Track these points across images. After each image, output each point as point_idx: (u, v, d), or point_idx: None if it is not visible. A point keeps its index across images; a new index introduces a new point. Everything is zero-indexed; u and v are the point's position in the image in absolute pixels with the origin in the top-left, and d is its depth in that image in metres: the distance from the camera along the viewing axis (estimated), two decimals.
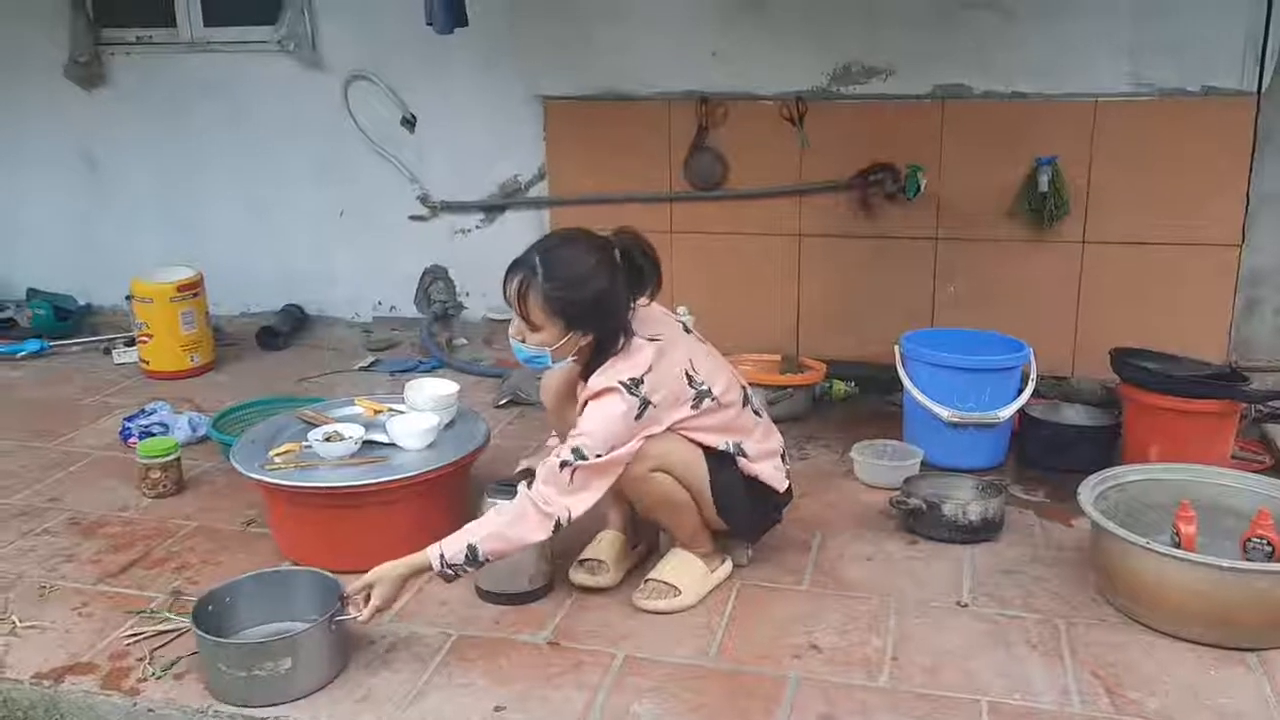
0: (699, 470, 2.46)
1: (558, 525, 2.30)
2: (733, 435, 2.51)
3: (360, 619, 2.26)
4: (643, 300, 2.46)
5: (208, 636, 2.19)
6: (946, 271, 3.98)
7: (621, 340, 2.39)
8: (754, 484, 2.55)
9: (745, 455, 2.53)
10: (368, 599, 2.27)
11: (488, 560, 2.30)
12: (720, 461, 2.49)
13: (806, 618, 2.48)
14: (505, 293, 2.38)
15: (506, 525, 2.29)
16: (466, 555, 2.27)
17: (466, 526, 2.32)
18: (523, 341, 2.41)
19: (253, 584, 2.40)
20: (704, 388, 2.45)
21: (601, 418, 2.33)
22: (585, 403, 2.39)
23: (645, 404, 2.34)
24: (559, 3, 4.18)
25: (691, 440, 2.45)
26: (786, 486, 2.63)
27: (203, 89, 4.67)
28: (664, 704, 2.17)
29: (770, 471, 2.57)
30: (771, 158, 4.06)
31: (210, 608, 2.27)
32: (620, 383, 2.33)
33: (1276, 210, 3.69)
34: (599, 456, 2.31)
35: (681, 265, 3.90)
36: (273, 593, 2.39)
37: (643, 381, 2.34)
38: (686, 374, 2.43)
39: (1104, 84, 3.72)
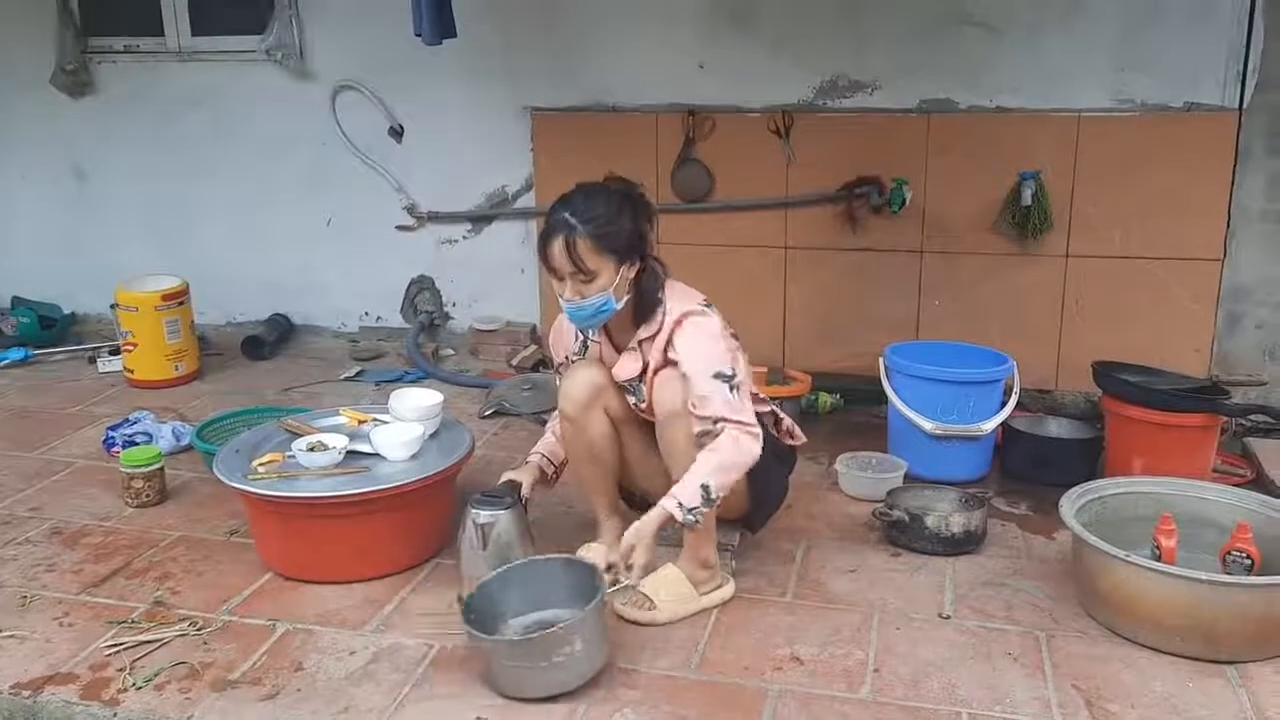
0: None
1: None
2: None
3: (631, 582, 2.37)
4: None
5: (501, 638, 2.24)
6: (931, 285, 4.00)
7: (659, 271, 2.49)
8: (776, 445, 2.60)
9: (778, 415, 2.63)
10: (627, 564, 2.34)
11: (719, 496, 2.34)
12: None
13: (789, 629, 2.48)
14: (550, 260, 2.41)
15: (728, 456, 2.35)
16: (702, 496, 2.32)
17: (685, 477, 2.35)
18: (580, 299, 2.43)
19: (497, 581, 2.38)
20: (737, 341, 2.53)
21: (703, 337, 2.41)
22: (653, 368, 2.47)
23: (723, 322, 2.46)
24: (547, 14, 4.20)
25: None
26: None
27: (190, 98, 4.67)
28: (645, 715, 2.17)
29: (790, 422, 2.68)
30: (758, 170, 4.08)
31: (472, 615, 2.27)
32: (697, 305, 2.45)
33: (1257, 225, 3.73)
34: (734, 372, 2.38)
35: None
36: (518, 584, 2.39)
37: (711, 304, 2.47)
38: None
39: (1087, 99, 3.75)
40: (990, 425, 3.27)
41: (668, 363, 2.46)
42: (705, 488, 2.33)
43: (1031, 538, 2.96)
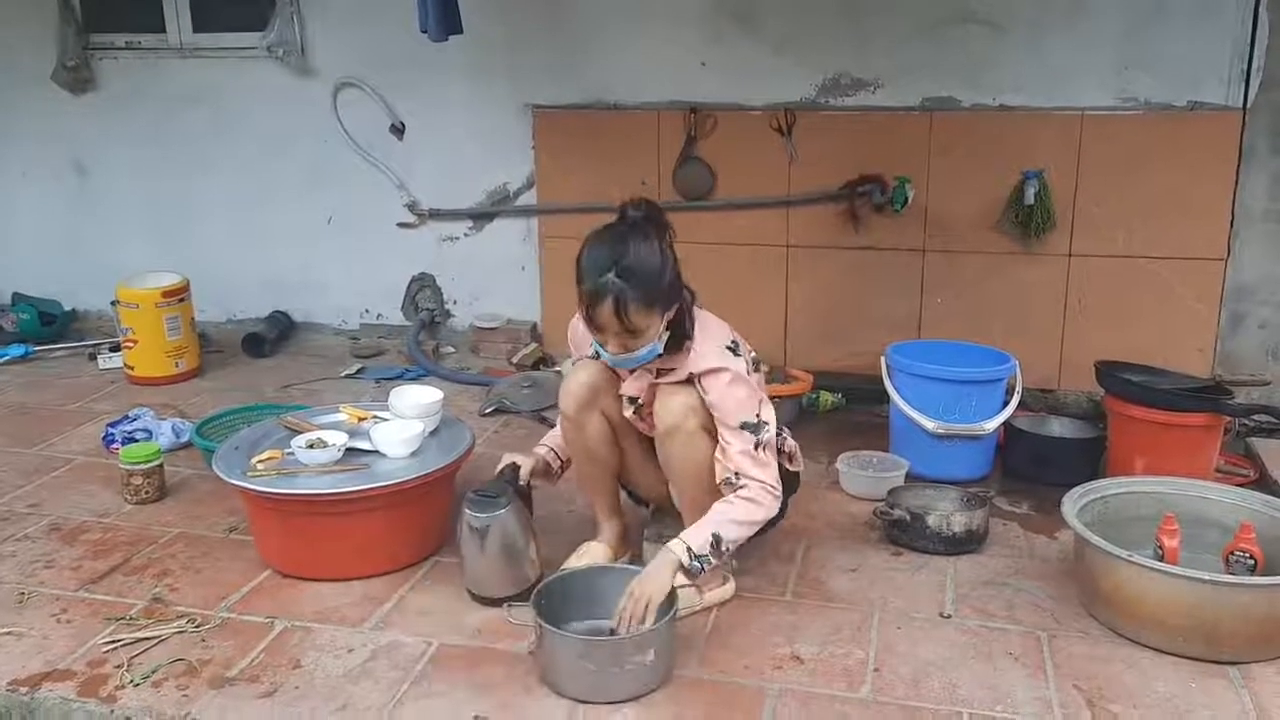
0: None
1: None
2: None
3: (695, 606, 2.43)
4: None
5: (579, 636, 2.24)
6: (934, 283, 3.99)
7: (688, 298, 2.45)
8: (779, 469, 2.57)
9: (781, 435, 2.59)
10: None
11: (729, 549, 2.36)
12: None
13: (789, 628, 2.47)
14: (598, 322, 2.32)
15: (743, 513, 2.36)
16: (711, 544, 2.32)
17: (700, 522, 2.36)
18: (625, 352, 2.38)
19: (565, 582, 2.39)
20: (750, 353, 2.52)
21: (733, 387, 2.39)
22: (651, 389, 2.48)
23: (746, 363, 2.44)
24: (550, 11, 4.19)
25: None
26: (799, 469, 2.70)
27: (191, 95, 4.66)
28: (644, 714, 2.16)
29: (793, 444, 2.65)
30: (760, 168, 4.07)
31: (544, 603, 2.27)
32: (726, 348, 2.43)
33: (1261, 225, 3.71)
34: (760, 419, 2.39)
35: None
36: (581, 590, 2.39)
37: (737, 341, 2.47)
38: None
39: (1091, 98, 3.74)
40: (992, 424, 3.26)
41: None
42: (716, 538, 2.33)
43: (1033, 537, 2.94)
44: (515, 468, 2.60)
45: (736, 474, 2.38)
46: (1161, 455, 3.04)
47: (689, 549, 2.31)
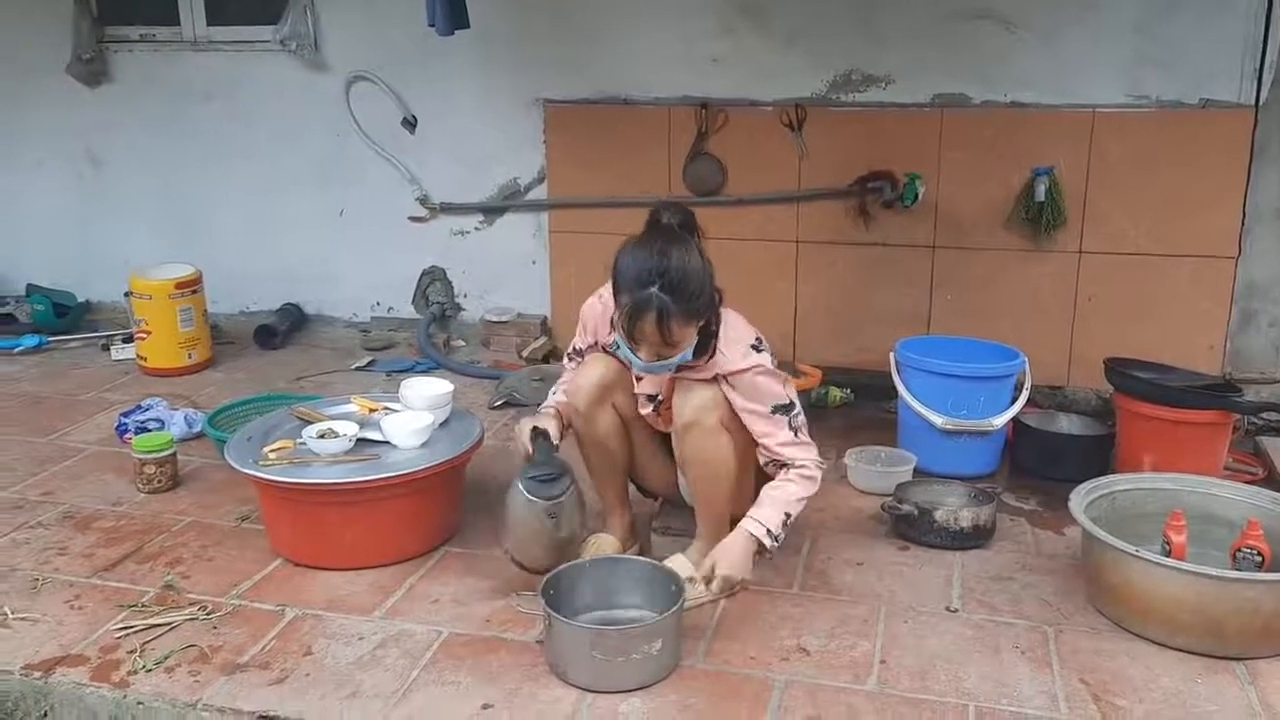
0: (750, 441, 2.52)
1: None
2: None
3: (711, 594, 2.42)
4: None
5: (587, 625, 2.27)
6: (943, 280, 3.99)
7: (719, 300, 2.47)
8: None
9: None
10: (707, 580, 2.38)
11: (792, 523, 2.48)
12: None
13: (796, 621, 2.48)
14: (639, 334, 2.32)
15: (803, 490, 2.47)
16: (783, 521, 2.44)
17: (765, 502, 2.44)
18: (659, 360, 2.38)
19: (573, 572, 2.41)
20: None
21: (761, 379, 2.43)
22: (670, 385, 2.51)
23: (771, 357, 2.49)
24: (560, 6, 4.20)
25: None
26: None
27: (205, 88, 4.69)
28: (651, 704, 2.17)
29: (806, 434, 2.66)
30: (770, 164, 4.07)
31: (553, 592, 2.30)
32: (751, 346, 2.46)
33: (1272, 223, 3.71)
34: (791, 401, 2.47)
35: None
36: (592, 578, 2.43)
37: (760, 338, 2.50)
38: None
39: (1102, 95, 3.74)
40: (1000, 420, 3.26)
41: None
42: (788, 515, 2.44)
43: (1041, 533, 2.95)
44: (545, 431, 2.58)
45: (783, 459, 2.47)
46: (1170, 452, 3.04)
47: (768, 530, 2.40)
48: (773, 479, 2.52)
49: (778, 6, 3.96)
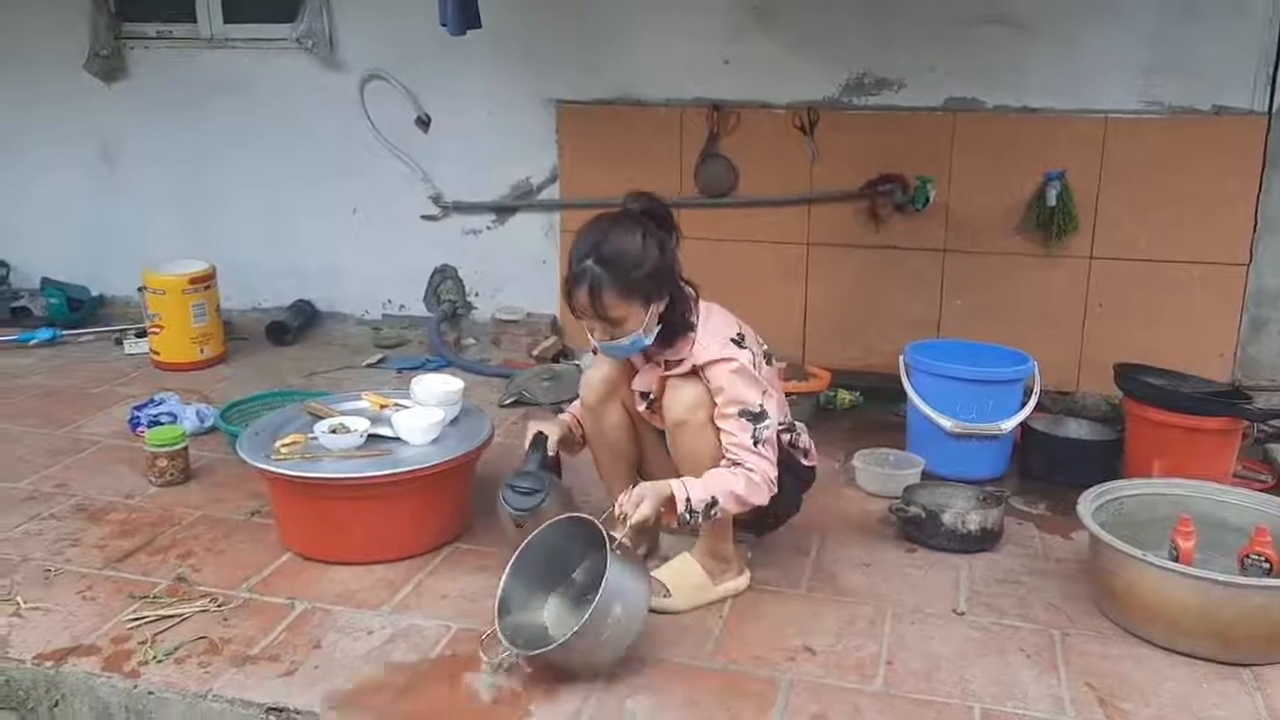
0: None
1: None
2: (784, 407, 2.58)
3: (620, 536, 2.27)
4: None
5: (557, 643, 2.16)
6: (954, 284, 4.00)
7: (689, 292, 2.46)
8: (792, 461, 2.59)
9: (795, 431, 2.60)
10: (623, 520, 2.31)
11: (717, 515, 2.37)
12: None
13: (802, 621, 2.49)
14: (575, 309, 2.39)
15: (743, 490, 2.37)
16: (706, 504, 2.34)
17: (704, 478, 2.37)
18: (611, 339, 2.41)
19: (515, 571, 2.35)
20: (762, 345, 2.53)
21: (736, 377, 2.39)
22: (662, 382, 2.49)
23: (754, 355, 2.45)
24: (573, 7, 4.21)
25: None
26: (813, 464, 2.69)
27: (221, 85, 4.71)
28: (658, 700, 2.18)
29: (808, 440, 2.65)
30: (782, 166, 4.08)
31: (510, 610, 2.28)
32: (731, 339, 2.43)
33: None
34: (761, 408, 2.39)
35: (689, 271, 3.89)
36: (540, 561, 2.38)
37: (744, 334, 2.47)
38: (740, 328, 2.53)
39: (1115, 101, 3.74)
40: (1009, 425, 3.26)
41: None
42: (714, 501, 2.35)
43: (1048, 537, 2.95)
44: (544, 437, 2.62)
45: (740, 462, 2.39)
46: (1179, 459, 3.03)
47: (688, 498, 2.33)
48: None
49: (791, 9, 3.97)
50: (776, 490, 2.43)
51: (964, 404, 3.25)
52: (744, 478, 2.38)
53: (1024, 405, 3.31)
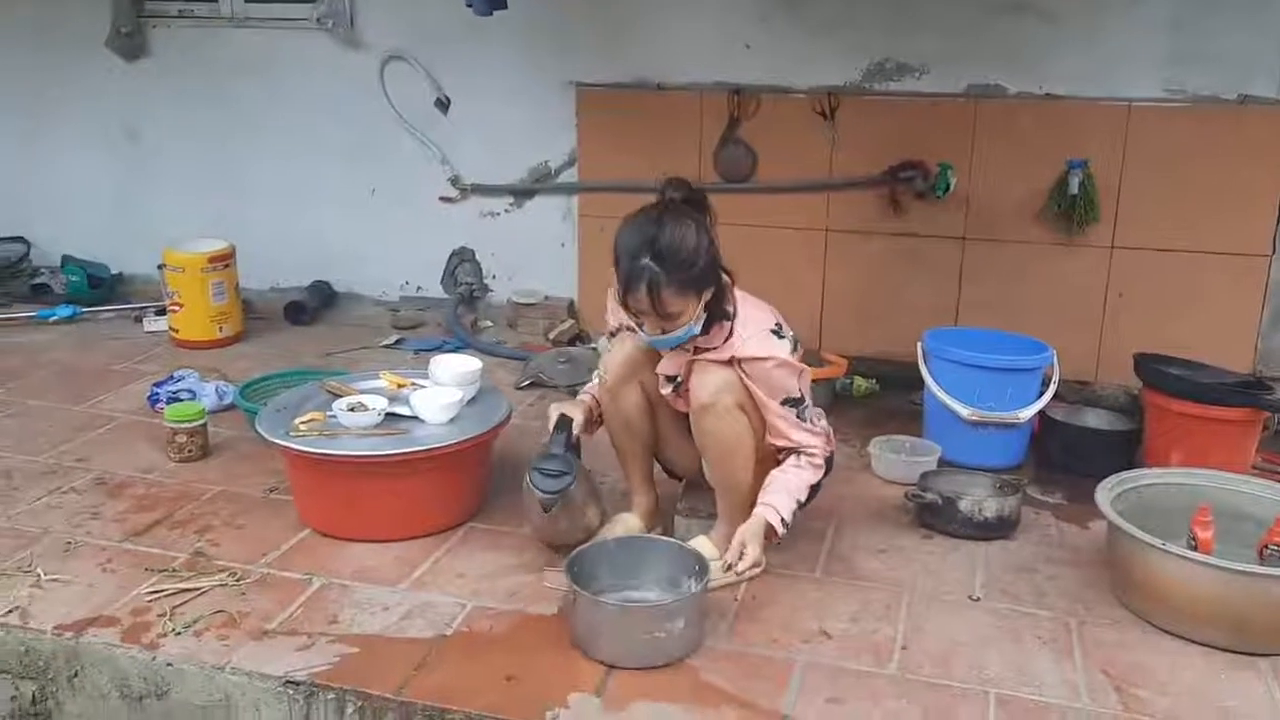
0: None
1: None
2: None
3: (733, 579, 2.43)
4: None
5: (612, 603, 2.28)
6: (973, 271, 3.98)
7: (726, 280, 2.47)
8: None
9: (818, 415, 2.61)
10: (730, 566, 2.40)
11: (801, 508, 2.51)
12: None
13: (818, 604, 2.49)
14: (634, 306, 2.37)
15: (811, 475, 2.52)
16: (794, 508, 2.47)
17: (775, 488, 2.48)
18: (662, 333, 2.41)
19: (597, 551, 2.44)
20: (790, 332, 2.55)
21: (778, 371, 2.44)
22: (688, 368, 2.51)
23: (790, 344, 2.49)
24: None
25: None
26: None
27: (241, 64, 4.72)
28: (673, 680, 2.19)
29: (826, 425, 2.65)
30: (802, 152, 4.06)
31: (577, 569, 2.32)
32: (770, 331, 2.47)
33: None
34: (801, 395, 2.48)
35: None
36: (615, 557, 2.44)
37: (780, 324, 2.50)
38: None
39: (1138, 88, 3.70)
40: (1027, 413, 3.25)
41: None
42: (799, 503, 2.48)
43: (1065, 526, 2.94)
44: (569, 420, 2.61)
45: (789, 448, 2.49)
46: (1198, 449, 3.01)
47: (782, 518, 2.43)
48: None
49: None
50: (824, 464, 2.55)
51: (982, 392, 3.24)
52: (807, 465, 2.50)
53: (1042, 394, 3.29)
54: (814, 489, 2.56)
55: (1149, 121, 3.71)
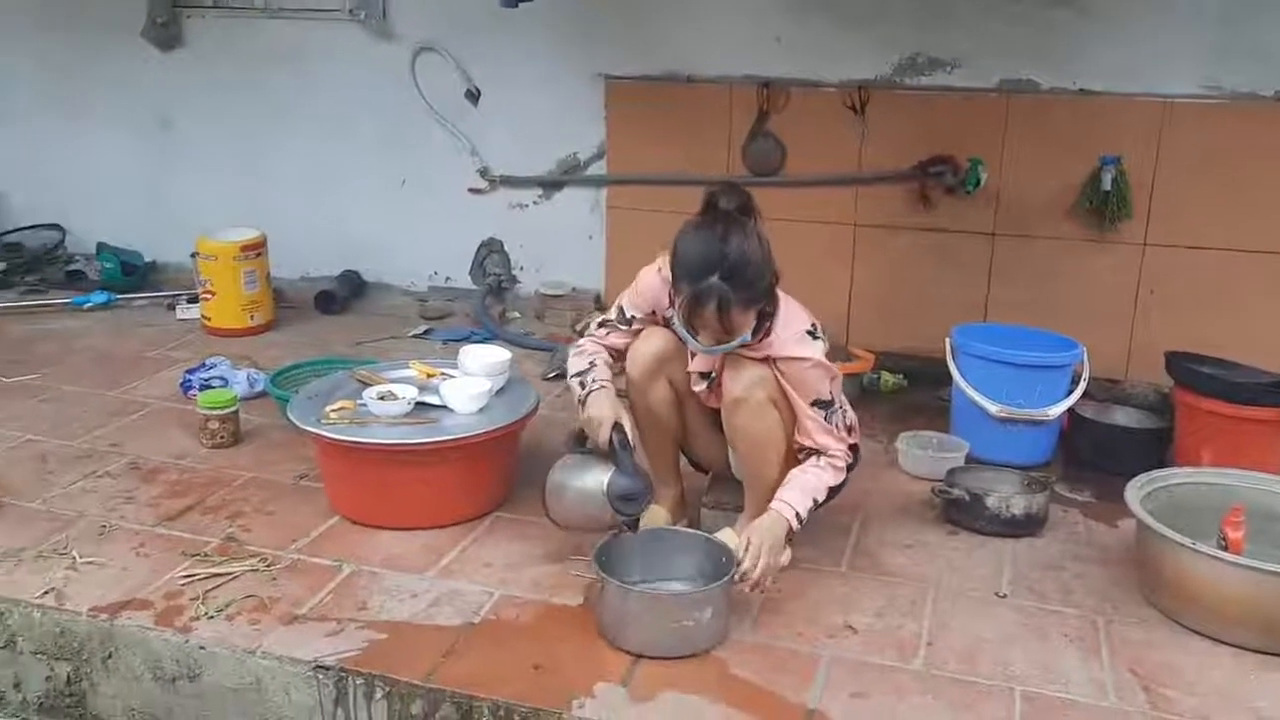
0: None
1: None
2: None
3: (754, 575, 2.35)
4: None
5: (643, 590, 2.32)
6: (1003, 268, 3.95)
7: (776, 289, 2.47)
8: None
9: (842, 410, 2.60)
10: (747, 577, 2.36)
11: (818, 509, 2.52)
12: None
13: (843, 599, 2.50)
14: (699, 321, 2.34)
15: (831, 478, 2.51)
16: (810, 508, 2.47)
17: (793, 485, 2.47)
18: (717, 344, 2.41)
19: (625, 542, 2.45)
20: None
21: (813, 372, 2.45)
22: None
23: (825, 344, 2.50)
24: None
25: None
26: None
27: (274, 55, 4.75)
28: (698, 671, 2.20)
29: (853, 418, 2.66)
30: (831, 146, 4.05)
31: (605, 559, 2.34)
32: (807, 332, 2.48)
33: None
34: (832, 397, 2.49)
35: None
36: (644, 549, 2.47)
37: (816, 325, 2.51)
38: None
39: (1174, 85, 3.67)
40: (1056, 411, 3.23)
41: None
42: (815, 502, 2.48)
43: (1094, 524, 2.93)
44: (622, 428, 2.53)
45: (814, 450, 2.49)
46: (1229, 449, 2.98)
47: (797, 515, 2.43)
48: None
49: None
50: (845, 469, 2.56)
51: (1010, 389, 3.22)
52: (829, 466, 2.50)
53: (1071, 391, 3.27)
54: (833, 491, 2.55)
55: (1186, 118, 3.67)
